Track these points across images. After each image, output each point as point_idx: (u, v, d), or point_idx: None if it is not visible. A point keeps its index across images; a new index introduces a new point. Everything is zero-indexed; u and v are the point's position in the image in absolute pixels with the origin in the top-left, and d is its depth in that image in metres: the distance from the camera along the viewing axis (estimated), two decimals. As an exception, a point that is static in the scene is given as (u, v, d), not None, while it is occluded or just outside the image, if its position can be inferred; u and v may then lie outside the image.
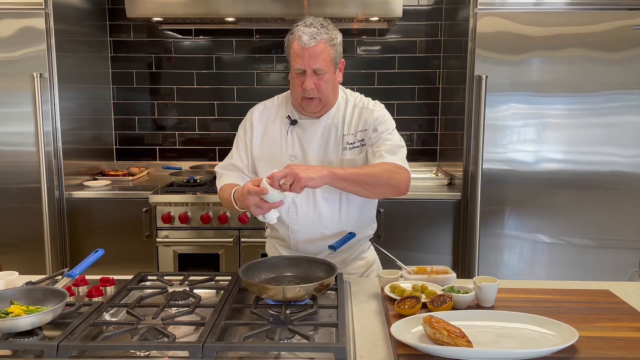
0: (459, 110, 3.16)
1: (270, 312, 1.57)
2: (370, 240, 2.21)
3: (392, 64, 3.74)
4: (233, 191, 1.90)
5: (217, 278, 1.86)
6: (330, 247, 1.96)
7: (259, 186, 1.73)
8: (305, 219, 2.02)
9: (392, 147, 1.95)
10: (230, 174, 2.07)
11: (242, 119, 2.21)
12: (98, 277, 1.83)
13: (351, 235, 2.03)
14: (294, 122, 2.03)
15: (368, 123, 2.01)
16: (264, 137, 2.06)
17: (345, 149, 2.00)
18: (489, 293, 1.62)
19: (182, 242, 3.15)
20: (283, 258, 1.91)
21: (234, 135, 2.19)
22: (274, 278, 1.80)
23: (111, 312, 1.62)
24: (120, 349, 1.36)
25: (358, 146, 2.01)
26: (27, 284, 1.75)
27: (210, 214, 3.12)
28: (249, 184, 1.76)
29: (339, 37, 1.94)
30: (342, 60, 2.01)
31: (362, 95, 2.10)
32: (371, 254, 2.22)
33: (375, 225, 2.18)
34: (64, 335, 1.38)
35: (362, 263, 2.16)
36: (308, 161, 2.02)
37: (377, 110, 2.04)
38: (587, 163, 2.99)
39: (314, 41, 1.86)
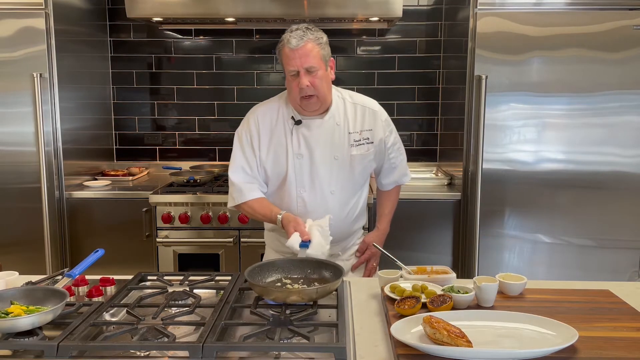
0: (459, 110, 3.16)
1: (271, 312, 1.57)
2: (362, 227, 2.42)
3: (392, 64, 3.74)
4: (279, 219, 2.07)
5: (217, 278, 1.86)
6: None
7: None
8: (314, 213, 2.13)
9: (405, 162, 2.38)
10: (250, 186, 2.18)
11: (242, 119, 2.22)
12: (98, 277, 1.83)
13: None
14: (298, 122, 2.14)
15: (375, 124, 2.21)
16: (271, 140, 2.17)
17: (352, 145, 2.16)
18: (489, 293, 1.62)
19: (182, 242, 3.14)
20: (287, 261, 1.88)
21: (234, 135, 2.21)
22: (279, 280, 1.79)
23: (111, 312, 1.62)
24: (120, 349, 1.36)
25: (364, 143, 2.18)
26: (27, 284, 1.75)
27: (210, 214, 3.12)
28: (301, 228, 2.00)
29: (324, 37, 2.09)
30: (332, 59, 2.13)
31: (352, 91, 2.26)
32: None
33: (366, 215, 2.43)
34: (64, 335, 1.38)
35: (356, 248, 2.37)
36: (314, 159, 2.13)
37: (380, 112, 2.24)
38: (587, 163, 2.99)
39: (302, 41, 2.00)
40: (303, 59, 2.00)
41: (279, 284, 1.76)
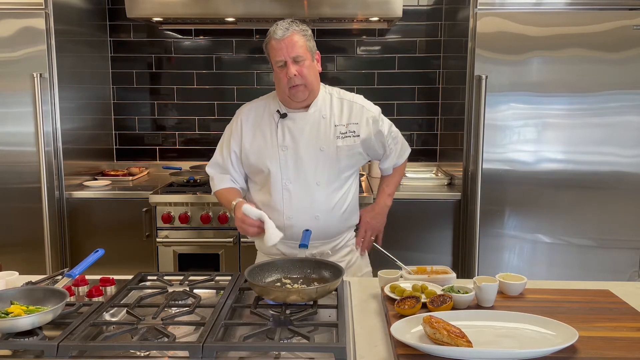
0: (459, 110, 3.16)
1: (271, 312, 1.57)
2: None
3: (392, 64, 3.74)
4: (233, 205, 2.13)
5: (217, 278, 1.86)
6: (302, 245, 1.99)
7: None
8: (300, 205, 2.15)
9: (403, 145, 2.41)
10: (221, 177, 2.30)
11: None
12: (98, 277, 1.83)
13: (308, 231, 2.10)
14: (283, 115, 2.17)
15: (362, 118, 2.21)
16: (255, 134, 2.20)
17: (338, 137, 2.18)
18: (489, 293, 1.62)
19: (182, 242, 3.14)
20: (287, 261, 1.88)
21: None
22: (279, 279, 1.79)
23: (111, 312, 1.62)
24: (120, 349, 1.36)
25: (350, 136, 2.20)
26: (27, 284, 1.75)
27: (210, 214, 3.12)
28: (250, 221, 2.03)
29: (309, 31, 2.12)
30: (318, 52, 2.16)
31: (339, 88, 2.29)
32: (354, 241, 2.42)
33: (358, 214, 2.36)
34: (64, 335, 1.38)
35: (348, 250, 2.33)
36: (299, 150, 2.15)
37: (368, 106, 2.24)
38: (587, 163, 2.99)
39: (288, 32, 2.05)
40: (289, 48, 2.04)
41: (278, 283, 1.76)
